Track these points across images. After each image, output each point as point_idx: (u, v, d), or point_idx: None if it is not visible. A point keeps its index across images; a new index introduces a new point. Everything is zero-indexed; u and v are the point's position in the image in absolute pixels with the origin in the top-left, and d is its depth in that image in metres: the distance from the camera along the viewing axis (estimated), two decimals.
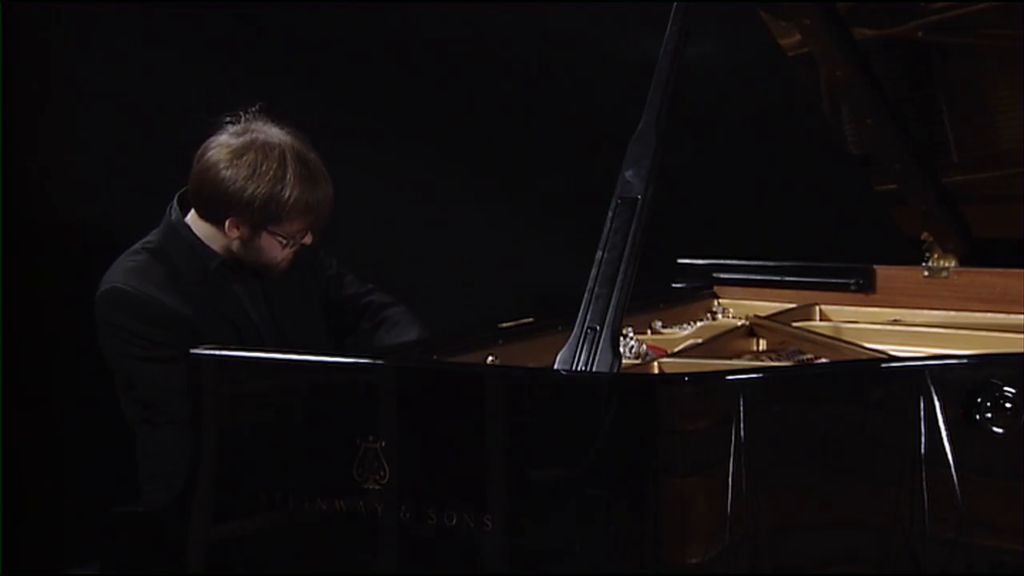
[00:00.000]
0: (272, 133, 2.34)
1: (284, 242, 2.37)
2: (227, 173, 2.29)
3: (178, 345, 2.26)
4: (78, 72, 3.35)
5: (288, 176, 2.29)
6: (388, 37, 3.68)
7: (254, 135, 2.32)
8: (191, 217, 2.41)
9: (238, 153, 2.30)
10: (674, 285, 3.09)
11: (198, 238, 2.39)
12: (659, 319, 2.75)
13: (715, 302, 3.03)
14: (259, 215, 2.31)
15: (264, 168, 2.28)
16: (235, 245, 2.39)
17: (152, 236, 2.42)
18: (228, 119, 2.36)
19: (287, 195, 2.29)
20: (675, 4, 2.05)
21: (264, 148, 2.30)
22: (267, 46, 3.49)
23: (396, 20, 3.66)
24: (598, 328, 1.76)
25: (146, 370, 2.30)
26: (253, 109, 2.37)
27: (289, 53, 3.49)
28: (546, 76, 3.72)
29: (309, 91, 3.47)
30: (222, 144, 2.32)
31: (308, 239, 2.42)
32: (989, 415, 1.75)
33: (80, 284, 2.39)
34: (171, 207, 2.43)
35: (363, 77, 3.67)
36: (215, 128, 2.36)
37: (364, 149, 3.63)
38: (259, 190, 2.28)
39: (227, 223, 2.34)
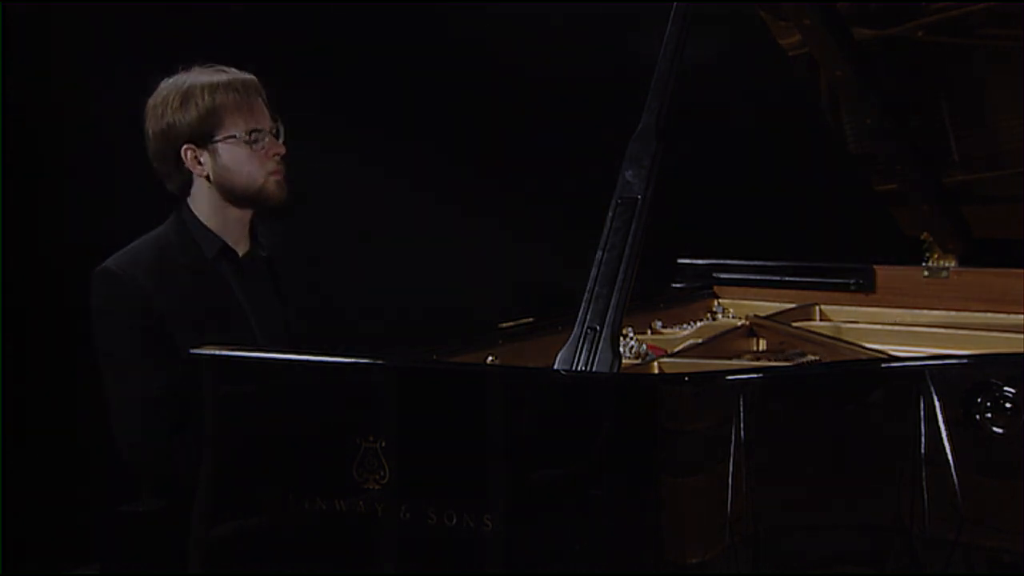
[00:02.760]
0: (179, 76, 2.42)
1: (246, 145, 2.38)
2: (151, 119, 2.40)
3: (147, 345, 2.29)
4: (78, 72, 3.35)
5: (192, 82, 2.38)
6: (388, 37, 3.68)
7: (164, 84, 2.42)
8: (191, 200, 2.44)
9: (153, 100, 2.40)
10: (674, 285, 3.09)
11: (200, 222, 2.42)
12: (659, 319, 2.75)
13: (715, 302, 3.02)
14: (193, 126, 2.36)
15: (174, 94, 2.38)
16: (214, 185, 2.40)
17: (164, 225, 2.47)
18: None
19: (199, 92, 2.36)
20: (675, 4, 2.05)
21: (173, 84, 2.40)
22: (268, 46, 3.49)
23: (396, 20, 3.66)
24: (598, 328, 1.76)
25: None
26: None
27: (290, 52, 3.49)
28: (546, 76, 3.72)
29: (310, 91, 3.47)
30: (145, 110, 2.43)
31: (280, 148, 2.42)
32: (989, 415, 1.75)
33: (80, 284, 2.39)
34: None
35: (363, 78, 3.67)
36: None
37: (364, 149, 3.64)
38: (176, 106, 2.37)
39: (185, 156, 2.38)
